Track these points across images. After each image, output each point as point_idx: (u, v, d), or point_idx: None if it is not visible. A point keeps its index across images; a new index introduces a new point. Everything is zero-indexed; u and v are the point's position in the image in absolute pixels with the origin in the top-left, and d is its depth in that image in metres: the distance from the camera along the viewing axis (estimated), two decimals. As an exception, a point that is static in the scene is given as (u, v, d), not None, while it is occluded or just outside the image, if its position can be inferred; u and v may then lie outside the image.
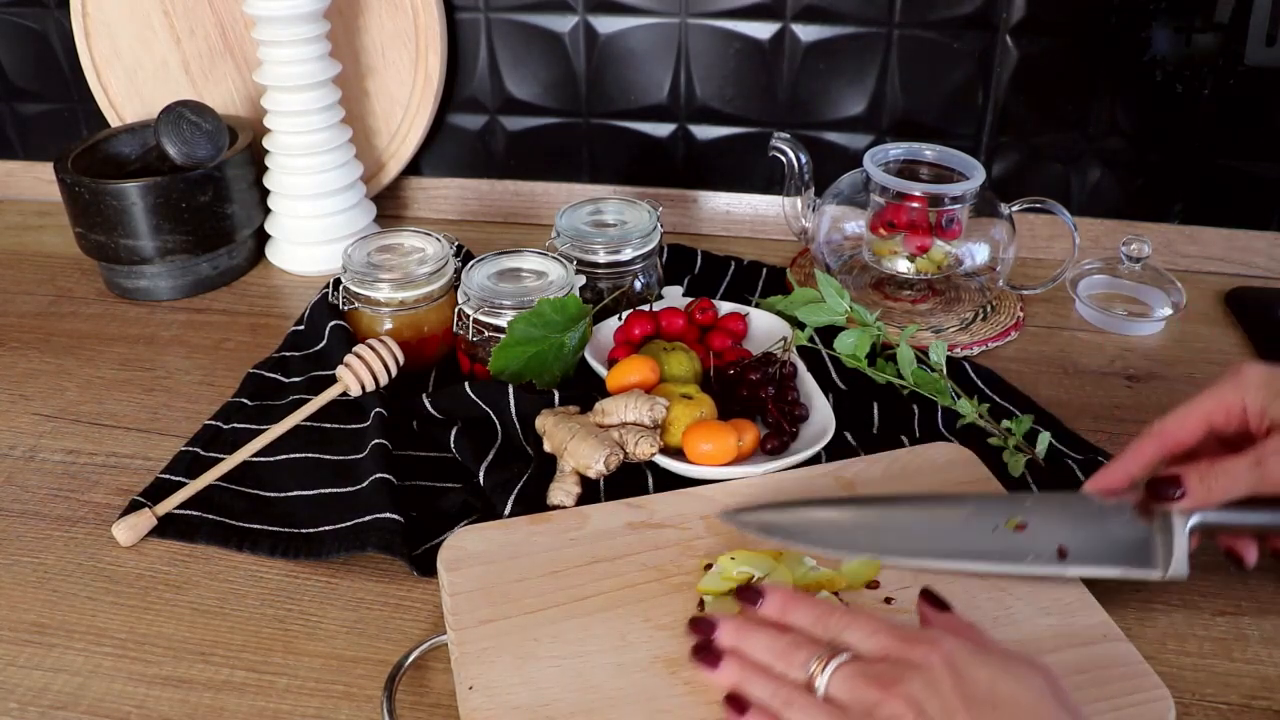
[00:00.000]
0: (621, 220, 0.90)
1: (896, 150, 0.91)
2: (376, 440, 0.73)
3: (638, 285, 0.88)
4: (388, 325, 0.83)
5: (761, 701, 0.49)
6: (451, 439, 0.73)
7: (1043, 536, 0.59)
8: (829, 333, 0.81)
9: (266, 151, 1.00)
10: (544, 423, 0.72)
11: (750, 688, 0.49)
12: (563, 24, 1.03)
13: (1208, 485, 0.55)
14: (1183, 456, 0.58)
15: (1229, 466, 0.55)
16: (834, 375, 0.82)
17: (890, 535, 0.61)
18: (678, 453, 0.70)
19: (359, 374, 0.77)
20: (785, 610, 0.51)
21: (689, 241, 1.06)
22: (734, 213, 1.09)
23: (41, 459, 0.76)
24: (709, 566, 0.60)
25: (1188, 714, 0.56)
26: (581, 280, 0.83)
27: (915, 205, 0.87)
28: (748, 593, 0.53)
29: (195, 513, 0.69)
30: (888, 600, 0.58)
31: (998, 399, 0.80)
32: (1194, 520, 0.57)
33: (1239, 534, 0.59)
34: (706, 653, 0.51)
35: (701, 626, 0.52)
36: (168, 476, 0.73)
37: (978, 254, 0.90)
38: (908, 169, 0.90)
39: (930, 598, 0.52)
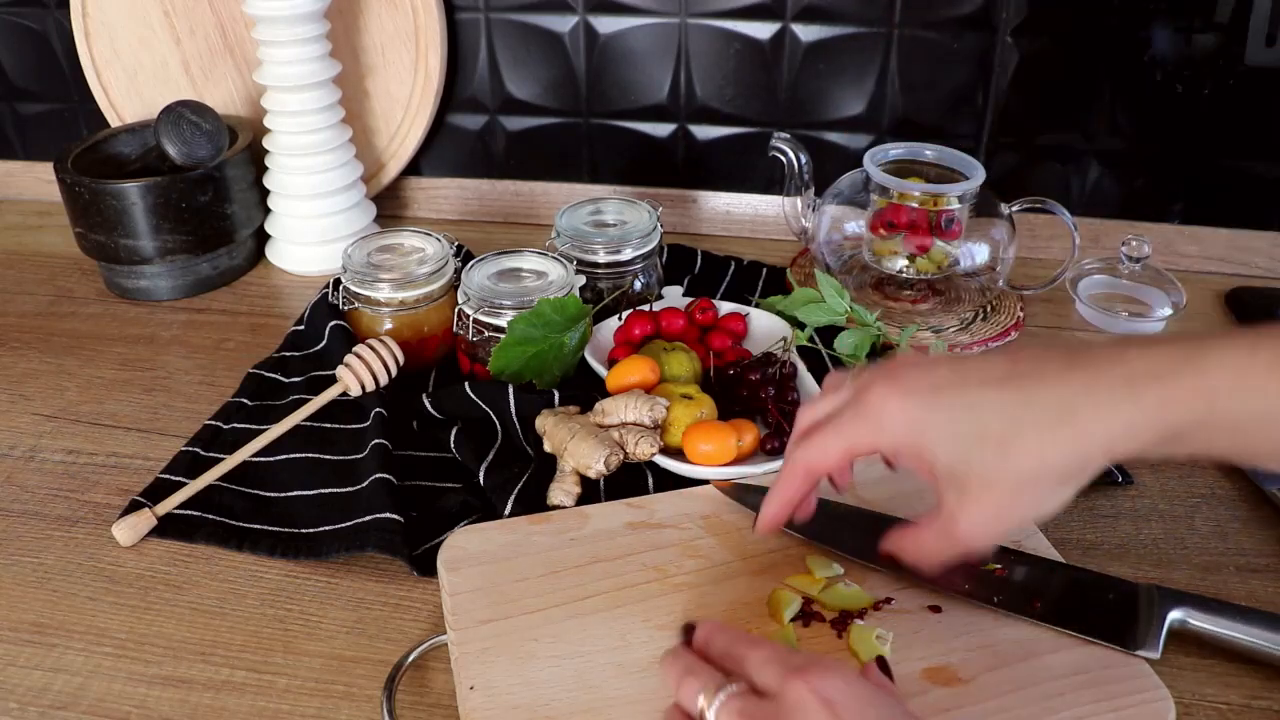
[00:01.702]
0: (621, 220, 0.90)
1: (896, 150, 0.91)
2: (376, 440, 0.73)
3: (638, 285, 0.88)
4: (388, 325, 0.83)
5: None
6: (451, 439, 0.73)
7: (1019, 586, 0.58)
8: (829, 333, 0.81)
9: (266, 151, 1.00)
10: (544, 423, 0.72)
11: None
12: (563, 24, 1.03)
13: (921, 562, 0.52)
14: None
15: (924, 545, 0.51)
16: (834, 375, 0.82)
17: (874, 544, 0.61)
18: (678, 453, 0.70)
19: (359, 374, 0.77)
20: (707, 641, 0.49)
21: (689, 241, 1.06)
22: (734, 213, 1.09)
23: (41, 459, 0.76)
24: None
25: (1188, 714, 0.56)
26: (581, 280, 0.83)
27: (915, 205, 0.87)
28: (687, 630, 0.50)
29: (195, 513, 0.69)
30: (887, 600, 0.58)
31: (998, 399, 0.80)
32: (1175, 615, 0.56)
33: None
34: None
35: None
36: (168, 476, 0.73)
37: (978, 254, 0.90)
38: (908, 169, 0.90)
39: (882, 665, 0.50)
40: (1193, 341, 0.45)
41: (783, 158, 0.93)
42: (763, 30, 1.00)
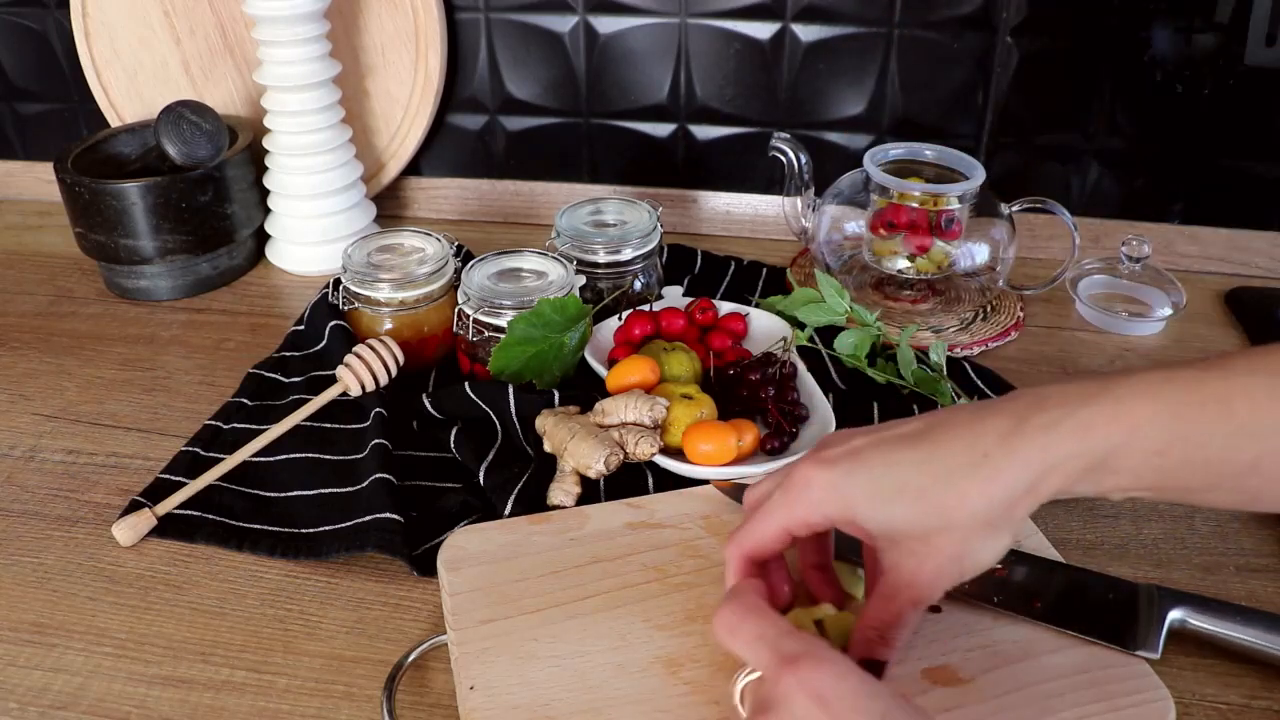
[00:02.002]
0: (621, 220, 0.90)
1: (896, 150, 0.91)
2: (376, 440, 0.73)
3: (638, 285, 0.88)
4: (388, 325, 0.83)
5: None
6: (451, 439, 0.73)
7: (1019, 586, 0.58)
8: (829, 333, 0.81)
9: (266, 151, 1.00)
10: (544, 423, 0.72)
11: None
12: (563, 24, 1.03)
13: (881, 638, 0.51)
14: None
15: (881, 615, 0.49)
16: (834, 375, 0.82)
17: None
18: (678, 453, 0.70)
19: (359, 374, 0.77)
20: (727, 619, 0.48)
21: (689, 241, 1.06)
22: (734, 213, 1.09)
23: (41, 459, 0.76)
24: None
25: (1188, 714, 0.56)
26: (581, 280, 0.83)
27: (915, 205, 0.87)
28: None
29: (195, 513, 0.69)
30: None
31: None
32: (1175, 615, 0.56)
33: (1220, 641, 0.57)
34: None
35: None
36: (168, 476, 0.73)
37: (978, 254, 0.90)
38: (908, 169, 0.90)
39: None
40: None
41: (783, 158, 0.93)
42: (763, 30, 1.00)
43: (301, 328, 0.88)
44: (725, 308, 0.85)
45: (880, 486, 0.47)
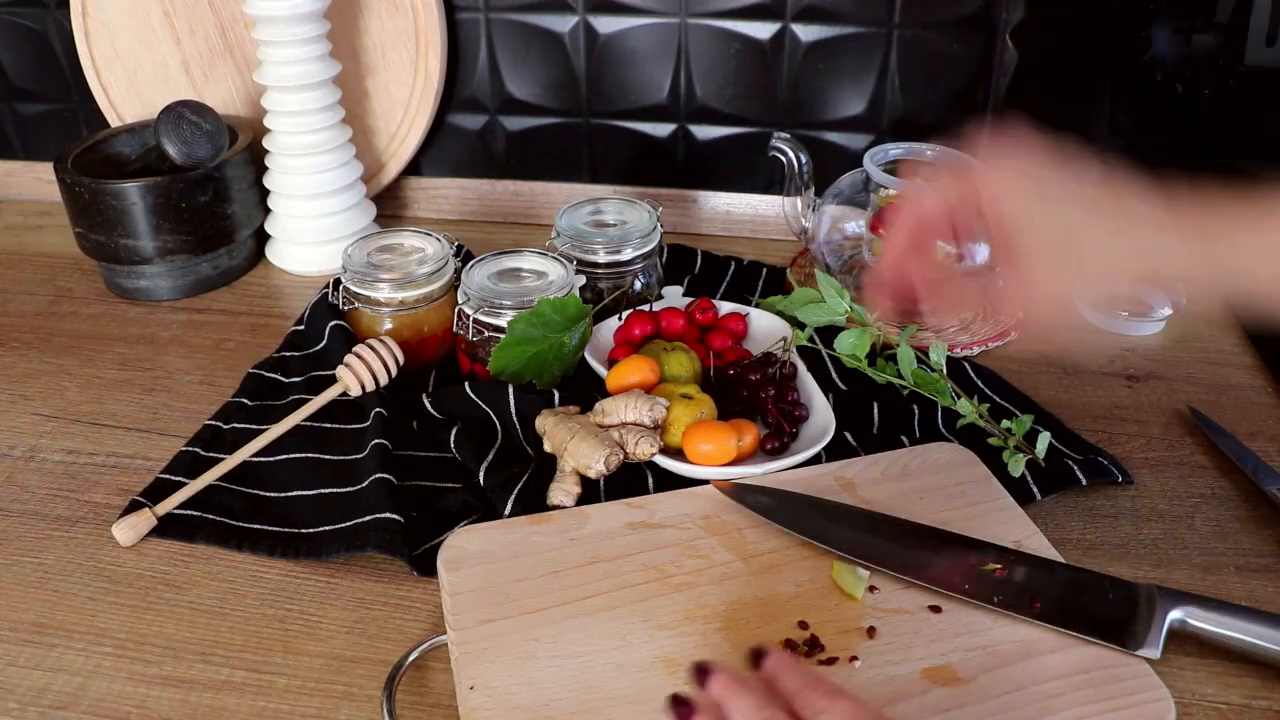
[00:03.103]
0: (621, 220, 0.90)
1: (896, 150, 0.91)
2: (376, 440, 0.73)
3: (638, 285, 0.88)
4: (388, 325, 0.83)
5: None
6: (451, 439, 0.73)
7: (1019, 586, 0.59)
8: (829, 333, 0.81)
9: (266, 151, 1.00)
10: (544, 423, 0.72)
11: None
12: (563, 24, 1.03)
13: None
14: None
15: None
16: (834, 375, 0.82)
17: (877, 546, 0.61)
18: (678, 453, 0.70)
19: (359, 374, 0.77)
20: (776, 674, 0.47)
21: (689, 241, 1.06)
22: (734, 213, 1.09)
23: (41, 459, 0.76)
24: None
25: (1188, 714, 0.56)
26: (581, 280, 0.83)
27: (915, 205, 0.87)
28: (698, 671, 0.47)
29: (195, 513, 0.69)
30: (871, 589, 0.59)
31: (998, 399, 0.80)
32: (1175, 615, 0.57)
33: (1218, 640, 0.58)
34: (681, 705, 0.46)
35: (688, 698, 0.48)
36: (168, 476, 0.73)
37: (978, 254, 0.90)
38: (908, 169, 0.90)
39: None
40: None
41: (783, 158, 0.93)
42: (763, 30, 1.00)
43: (301, 328, 0.88)
44: (725, 308, 0.85)
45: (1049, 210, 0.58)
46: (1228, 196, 0.56)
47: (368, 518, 0.67)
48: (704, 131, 1.06)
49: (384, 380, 0.78)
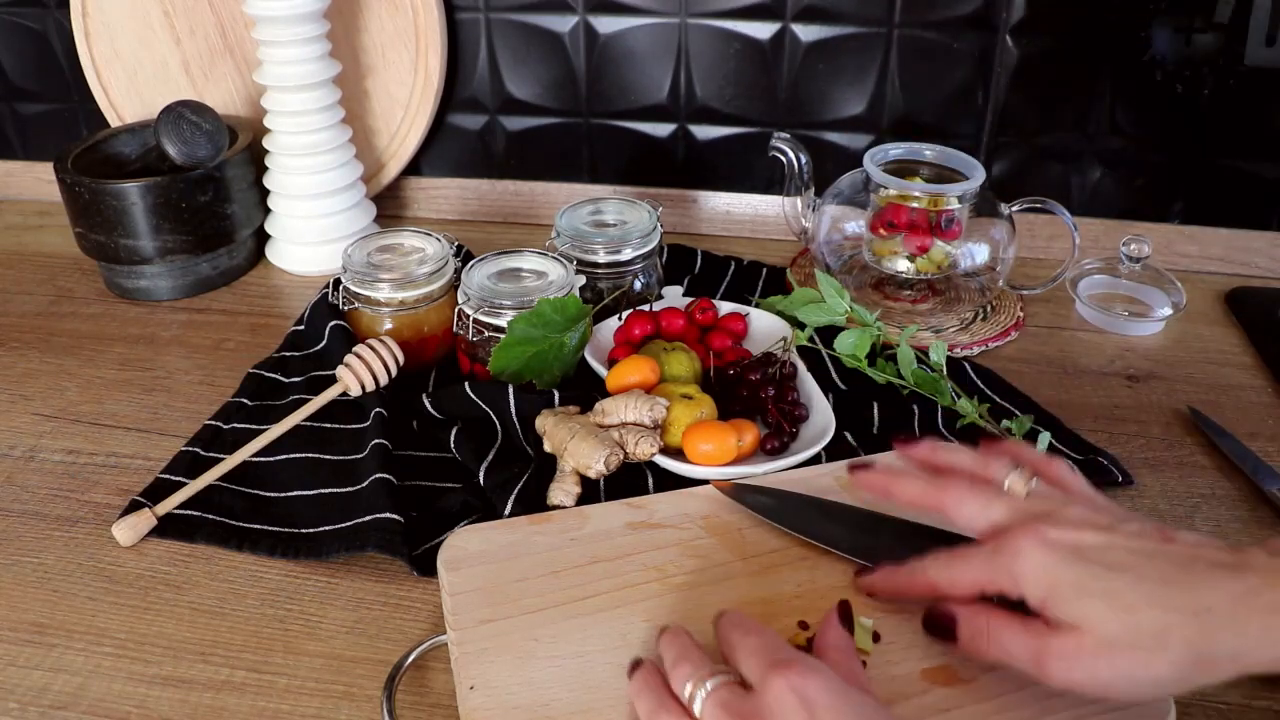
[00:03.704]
0: (621, 220, 0.90)
1: (896, 150, 0.91)
2: (376, 440, 0.73)
3: (638, 285, 0.88)
4: (388, 325, 0.83)
5: (644, 711, 0.48)
6: (451, 439, 0.73)
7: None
8: (829, 333, 0.81)
9: (266, 151, 1.00)
10: (544, 423, 0.72)
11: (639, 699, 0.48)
12: (563, 24, 1.03)
13: (979, 646, 0.51)
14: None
15: (1011, 642, 0.49)
16: (834, 375, 0.82)
17: (877, 546, 0.61)
18: (678, 453, 0.70)
19: (359, 374, 0.77)
20: (721, 630, 0.50)
21: (689, 241, 1.06)
22: (734, 213, 1.09)
23: (41, 459, 0.76)
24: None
25: (1188, 714, 0.56)
26: (581, 280, 0.83)
27: (915, 205, 0.87)
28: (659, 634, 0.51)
29: (195, 513, 0.69)
30: (876, 638, 0.58)
31: (998, 399, 0.80)
32: None
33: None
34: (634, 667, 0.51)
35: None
36: (168, 476, 0.73)
37: (978, 254, 0.90)
38: (908, 169, 0.90)
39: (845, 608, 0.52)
40: None
41: (783, 158, 0.93)
42: (763, 30, 1.00)
43: (301, 328, 0.88)
44: (725, 308, 0.85)
45: (1090, 588, 0.45)
46: None
47: (368, 518, 0.67)
48: (704, 131, 1.06)
49: (384, 380, 0.78)
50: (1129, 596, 0.45)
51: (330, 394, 0.77)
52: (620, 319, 0.82)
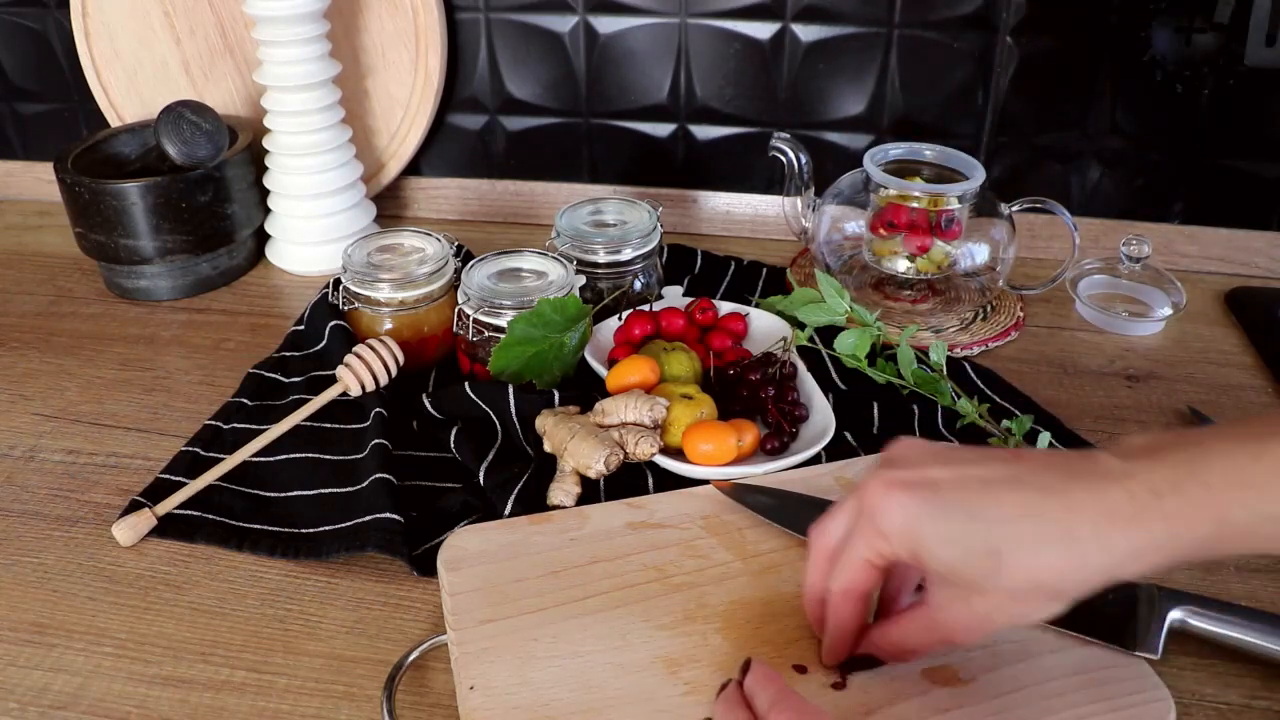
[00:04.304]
0: (621, 220, 0.90)
1: (896, 150, 0.91)
2: (376, 440, 0.73)
3: (638, 285, 0.88)
4: (388, 325, 0.83)
5: None
6: (451, 439, 0.73)
7: None
8: (829, 333, 0.81)
9: (266, 151, 1.00)
10: (544, 423, 0.72)
11: None
12: (563, 24, 1.03)
13: (896, 653, 0.52)
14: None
15: (907, 634, 0.50)
16: (834, 375, 0.82)
17: None
18: (678, 453, 0.70)
19: (359, 374, 0.77)
20: (752, 691, 0.49)
21: (689, 241, 1.06)
22: (734, 213, 1.09)
23: (41, 459, 0.76)
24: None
25: (1188, 714, 0.56)
26: (581, 280, 0.83)
27: (915, 205, 0.87)
28: (744, 668, 0.50)
29: (195, 513, 0.69)
30: None
31: (998, 399, 0.80)
32: (1175, 615, 0.56)
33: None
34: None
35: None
36: (168, 476, 0.73)
37: (978, 254, 0.90)
38: (908, 169, 0.90)
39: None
40: (1195, 449, 0.43)
41: (783, 158, 0.93)
42: (763, 30, 1.00)
43: (301, 328, 0.88)
44: (725, 308, 0.85)
45: (955, 534, 0.46)
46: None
47: (368, 518, 0.67)
48: (704, 131, 1.06)
49: (384, 380, 0.78)
50: (993, 539, 0.45)
51: (330, 394, 0.77)
52: (620, 319, 0.82)
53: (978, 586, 0.46)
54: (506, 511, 0.67)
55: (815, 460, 0.71)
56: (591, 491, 0.69)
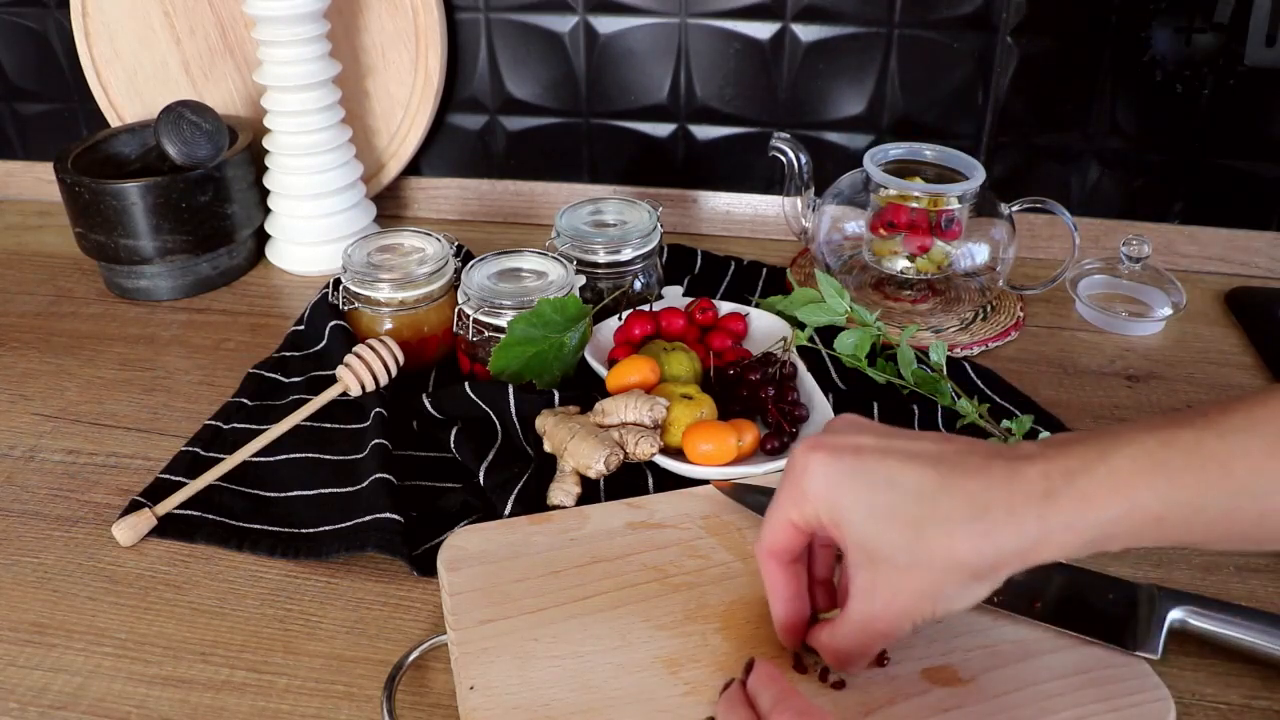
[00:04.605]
0: (621, 220, 0.90)
1: (896, 150, 0.91)
2: (376, 440, 0.73)
3: (638, 285, 0.88)
4: (388, 325, 0.83)
5: None
6: (451, 439, 0.73)
7: (1019, 586, 0.58)
8: (829, 333, 0.81)
9: (266, 151, 1.00)
10: (544, 423, 0.72)
11: None
12: (563, 24, 1.03)
13: (835, 659, 0.51)
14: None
15: (838, 637, 0.50)
16: (834, 375, 0.82)
17: None
18: (678, 453, 0.70)
19: (359, 374, 0.77)
20: (755, 691, 0.49)
21: (689, 241, 1.06)
22: (734, 213, 1.09)
23: (41, 459, 0.76)
24: None
25: (1188, 714, 0.56)
26: (581, 280, 0.83)
27: (915, 205, 0.87)
28: (747, 668, 0.50)
29: (195, 513, 0.69)
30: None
31: (998, 399, 0.80)
32: (1175, 615, 0.56)
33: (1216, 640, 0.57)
34: None
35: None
36: (168, 476, 0.73)
37: (978, 254, 0.90)
38: (908, 169, 0.90)
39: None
40: (1109, 438, 0.44)
41: (783, 158, 0.93)
42: (763, 30, 1.00)
43: (301, 328, 0.88)
44: (725, 308, 0.85)
45: (875, 500, 0.46)
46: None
47: (368, 518, 0.67)
48: (704, 131, 1.06)
49: (384, 380, 0.78)
50: (911, 509, 0.45)
51: (330, 394, 0.77)
52: (620, 319, 0.82)
53: (895, 561, 0.46)
54: (506, 511, 0.67)
55: (815, 460, 0.70)
56: (591, 491, 0.69)
